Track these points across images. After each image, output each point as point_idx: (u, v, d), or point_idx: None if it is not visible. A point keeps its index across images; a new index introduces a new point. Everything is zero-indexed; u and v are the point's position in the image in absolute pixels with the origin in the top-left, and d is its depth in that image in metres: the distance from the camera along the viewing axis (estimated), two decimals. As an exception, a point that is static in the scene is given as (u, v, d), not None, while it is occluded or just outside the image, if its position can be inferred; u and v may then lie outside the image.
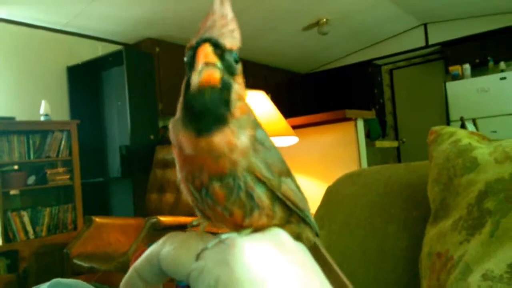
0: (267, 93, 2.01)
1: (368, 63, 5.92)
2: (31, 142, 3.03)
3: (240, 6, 3.92)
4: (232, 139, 0.27)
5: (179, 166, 0.30)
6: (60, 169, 3.16)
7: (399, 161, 5.73)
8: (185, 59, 0.29)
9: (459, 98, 4.79)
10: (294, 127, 2.15)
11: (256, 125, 0.30)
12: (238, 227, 0.29)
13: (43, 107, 3.15)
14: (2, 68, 3.37)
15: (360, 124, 2.44)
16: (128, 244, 2.45)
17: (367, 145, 2.54)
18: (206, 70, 0.27)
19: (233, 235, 0.28)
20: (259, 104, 1.83)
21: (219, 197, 0.28)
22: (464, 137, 0.64)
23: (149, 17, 3.82)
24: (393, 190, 0.83)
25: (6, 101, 3.32)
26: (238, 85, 0.29)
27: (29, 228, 2.92)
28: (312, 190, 2.30)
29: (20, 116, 3.06)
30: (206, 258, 0.26)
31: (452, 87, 4.90)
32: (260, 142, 0.29)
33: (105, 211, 3.74)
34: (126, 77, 3.47)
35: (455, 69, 4.96)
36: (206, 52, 0.27)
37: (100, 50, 3.98)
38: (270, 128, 1.77)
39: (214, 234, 0.29)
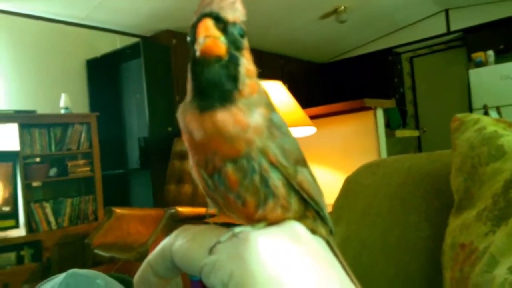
0: (284, 83, 1.99)
1: (388, 51, 5.80)
2: (52, 134, 3.09)
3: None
4: (241, 117, 0.26)
5: (190, 152, 0.28)
6: (81, 161, 3.22)
7: (420, 151, 5.63)
8: (188, 38, 0.27)
9: (482, 86, 4.66)
10: (312, 117, 2.12)
11: (271, 106, 0.29)
12: (252, 220, 0.28)
13: (63, 100, 3.20)
14: (23, 62, 3.43)
15: (380, 113, 2.39)
16: (147, 235, 2.48)
17: (387, 135, 2.49)
18: (208, 39, 0.25)
19: (247, 228, 0.27)
20: (275, 94, 1.82)
21: (232, 181, 0.27)
22: (490, 124, 0.61)
23: (166, 8, 3.82)
24: (414, 179, 0.81)
25: (27, 95, 3.38)
26: (246, 60, 0.28)
27: (51, 219, 2.98)
28: (330, 181, 2.28)
29: (41, 109, 3.12)
30: (219, 252, 0.25)
31: (475, 74, 4.76)
32: (276, 126, 0.28)
33: (125, 202, 3.79)
34: (144, 70, 3.50)
35: (478, 56, 4.82)
36: (207, 25, 0.26)
37: (118, 43, 4.01)
38: (287, 118, 1.75)
39: (229, 226, 0.28)
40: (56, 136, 3.12)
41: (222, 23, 0.27)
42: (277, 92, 1.83)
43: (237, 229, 0.26)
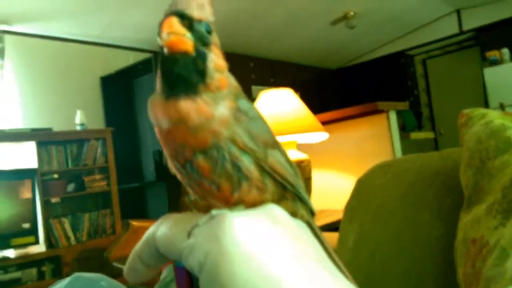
0: (297, 91, 1.99)
1: (400, 54, 5.76)
2: (68, 151, 3.14)
3: (264, 5, 3.92)
4: (204, 107, 0.27)
5: (162, 143, 0.29)
6: (97, 176, 3.26)
7: (437, 153, 5.53)
8: (157, 39, 0.28)
9: (498, 84, 4.58)
10: (325, 123, 2.11)
11: (238, 95, 0.29)
12: (229, 203, 0.28)
13: (79, 117, 3.26)
14: (39, 81, 3.52)
15: (393, 116, 2.37)
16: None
17: (402, 137, 2.46)
18: (172, 36, 0.26)
19: (224, 210, 0.27)
20: (286, 101, 1.82)
21: (205, 170, 0.27)
22: (497, 117, 0.60)
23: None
24: (425, 178, 0.80)
25: (43, 113, 3.46)
26: (214, 55, 0.28)
27: (70, 234, 3.02)
28: (345, 185, 2.26)
29: (57, 127, 3.18)
30: (197, 235, 0.26)
31: (490, 73, 4.69)
32: (243, 112, 0.29)
33: (142, 215, 3.82)
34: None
35: (492, 54, 4.74)
36: (171, 23, 0.27)
37: (131, 59, 4.08)
38: (299, 124, 1.74)
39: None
40: (72, 152, 3.17)
41: (187, 21, 0.27)
42: (288, 99, 1.83)
43: (214, 212, 0.27)
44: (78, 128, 3.25)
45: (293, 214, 0.30)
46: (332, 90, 6.25)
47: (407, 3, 4.68)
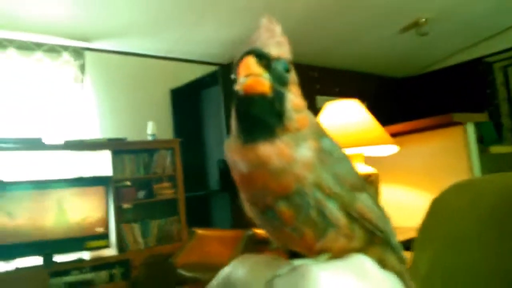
0: (363, 101, 1.92)
1: (477, 61, 5.39)
2: (140, 160, 3.30)
3: (330, 14, 3.86)
4: (285, 149, 0.25)
5: (240, 187, 0.27)
6: (166, 184, 3.39)
7: (521, 168, 5.07)
8: (232, 76, 0.27)
9: None
10: (394, 135, 2.02)
11: (320, 134, 0.27)
12: (312, 251, 0.26)
13: (150, 128, 3.41)
14: (114, 95, 3.75)
15: (470, 128, 2.20)
16: (228, 255, 2.51)
17: (480, 151, 2.28)
18: (249, 78, 0.25)
19: (308, 261, 0.24)
20: (351, 112, 1.76)
21: (287, 217, 0.25)
22: None
23: (243, 35, 3.95)
24: (509, 202, 0.71)
25: (119, 124, 3.68)
26: (292, 95, 0.27)
27: (139, 239, 3.16)
28: (416, 202, 2.13)
29: (130, 137, 3.35)
30: (277, 286, 0.24)
31: None
32: (327, 152, 0.26)
33: (207, 223, 3.90)
34: (222, 96, 3.62)
35: None
36: (248, 64, 0.25)
37: (199, 72, 4.22)
38: (366, 137, 1.68)
39: (294, 255, 0.26)
40: (144, 161, 3.32)
41: (265, 60, 0.26)
42: (354, 110, 1.77)
43: (297, 262, 0.24)
44: (149, 138, 3.40)
45: (382, 261, 0.28)
46: (402, 100, 5.98)
47: (485, 7, 4.36)
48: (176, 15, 3.44)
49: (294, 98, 0.27)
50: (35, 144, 2.87)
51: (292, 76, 0.28)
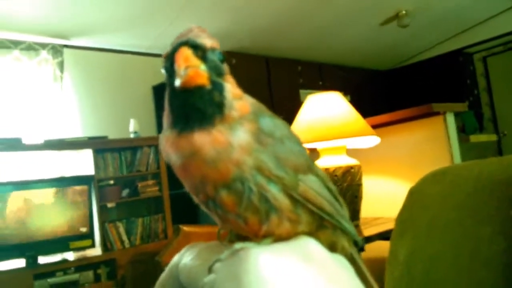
0: (346, 94, 1.93)
1: (458, 52, 5.46)
2: (123, 158, 3.26)
3: (310, 7, 3.86)
4: (219, 136, 0.24)
5: (180, 178, 0.27)
6: (150, 182, 3.36)
7: (501, 156, 5.17)
8: (162, 70, 0.26)
9: None
10: (376, 127, 2.03)
11: (259, 113, 0.26)
12: (258, 236, 0.25)
13: (132, 125, 3.38)
14: (95, 92, 3.70)
15: (450, 118, 2.23)
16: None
17: (461, 140, 2.31)
18: (189, 70, 0.24)
19: (249, 245, 0.24)
20: (334, 105, 1.76)
21: (229, 206, 0.25)
22: None
23: (224, 30, 3.93)
24: (485, 187, 0.72)
25: (100, 122, 3.63)
26: (230, 84, 0.26)
27: (124, 238, 3.13)
28: (399, 192, 2.15)
29: (112, 135, 3.31)
30: (218, 271, 0.23)
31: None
32: (267, 133, 0.25)
33: (193, 220, 3.88)
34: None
35: (562, 48, 4.37)
36: (186, 55, 0.24)
37: (181, 67, 4.19)
38: (348, 129, 1.68)
39: (243, 240, 0.26)
40: (127, 159, 3.29)
41: (200, 51, 0.25)
42: (336, 102, 1.78)
43: (238, 245, 0.24)
44: (132, 136, 3.36)
45: (333, 245, 0.27)
46: (384, 92, 6.04)
47: (464, -1, 4.43)
48: (156, 11, 3.39)
49: (231, 87, 0.26)
50: (14, 145, 2.81)
51: (226, 67, 0.27)
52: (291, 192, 0.25)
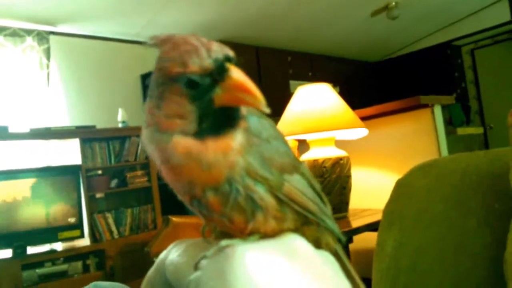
0: (337, 85, 1.94)
1: (446, 44, 5.50)
2: (111, 148, 3.23)
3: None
4: (231, 142, 0.25)
5: (165, 178, 0.27)
6: (139, 172, 3.34)
7: (487, 149, 5.25)
8: (195, 78, 0.26)
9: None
10: (365, 119, 2.05)
11: (248, 115, 0.27)
12: (244, 233, 0.25)
13: (120, 115, 3.34)
14: (82, 80, 3.64)
15: (438, 110, 2.26)
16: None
17: (448, 133, 2.34)
18: (249, 99, 0.24)
19: (235, 242, 0.24)
20: (323, 96, 1.77)
21: (214, 206, 0.25)
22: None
23: (212, 20, 3.89)
24: (471, 180, 0.74)
25: (87, 111, 3.59)
26: None
27: (113, 228, 3.12)
28: (387, 184, 2.18)
29: (100, 124, 3.28)
30: (204, 268, 0.24)
31: (545, 63, 4.37)
32: (254, 133, 0.26)
33: (182, 211, 3.88)
34: (195, 80, 3.58)
35: (548, 42, 4.43)
36: (246, 82, 0.25)
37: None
38: (337, 120, 1.69)
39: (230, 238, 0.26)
40: (115, 149, 3.26)
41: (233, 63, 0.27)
42: (325, 93, 1.78)
43: (224, 242, 0.24)
44: (120, 125, 3.33)
45: (317, 241, 0.27)
46: (374, 84, 6.07)
47: (453, -9, 4.45)
48: (145, -1, 3.35)
49: None
50: (0, 133, 2.77)
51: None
52: (276, 193, 0.26)
